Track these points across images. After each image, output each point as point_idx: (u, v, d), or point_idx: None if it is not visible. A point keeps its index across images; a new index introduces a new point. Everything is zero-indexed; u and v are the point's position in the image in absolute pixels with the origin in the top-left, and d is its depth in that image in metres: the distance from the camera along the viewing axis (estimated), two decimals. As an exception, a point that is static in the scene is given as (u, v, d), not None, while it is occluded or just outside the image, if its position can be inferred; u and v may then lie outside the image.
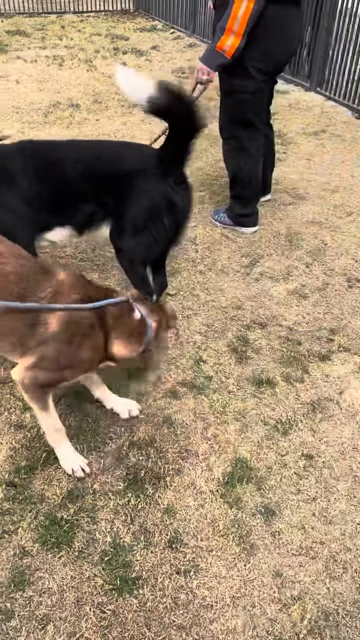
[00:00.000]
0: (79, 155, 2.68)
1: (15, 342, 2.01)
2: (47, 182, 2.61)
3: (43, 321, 1.95)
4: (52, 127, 5.42)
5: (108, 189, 2.62)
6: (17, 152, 2.63)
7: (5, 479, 2.15)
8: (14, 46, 8.13)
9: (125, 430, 2.39)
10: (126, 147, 2.80)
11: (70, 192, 2.64)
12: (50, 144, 2.84)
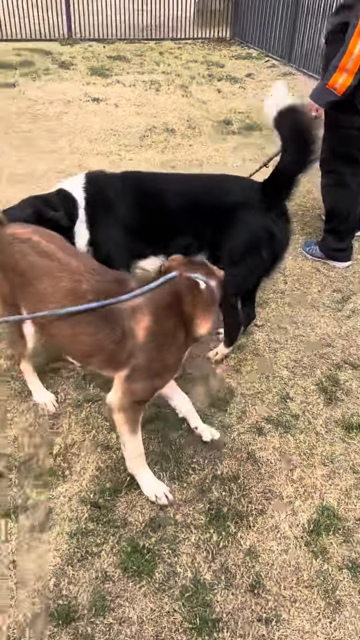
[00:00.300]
0: (180, 187, 2.73)
1: (106, 359, 2.05)
2: (146, 213, 2.67)
3: (130, 333, 1.97)
4: (148, 150, 5.58)
5: (208, 221, 2.65)
6: (119, 181, 2.72)
7: (90, 499, 2.18)
8: (114, 71, 8.47)
9: (208, 462, 2.37)
10: (228, 180, 2.82)
11: (168, 224, 2.69)
12: (152, 175, 2.92)
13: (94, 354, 2.06)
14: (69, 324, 2.00)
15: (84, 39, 10.55)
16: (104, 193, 2.64)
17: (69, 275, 2.01)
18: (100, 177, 2.75)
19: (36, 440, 2.42)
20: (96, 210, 2.63)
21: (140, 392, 2.04)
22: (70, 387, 2.71)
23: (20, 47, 9.58)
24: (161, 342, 2.00)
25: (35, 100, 6.80)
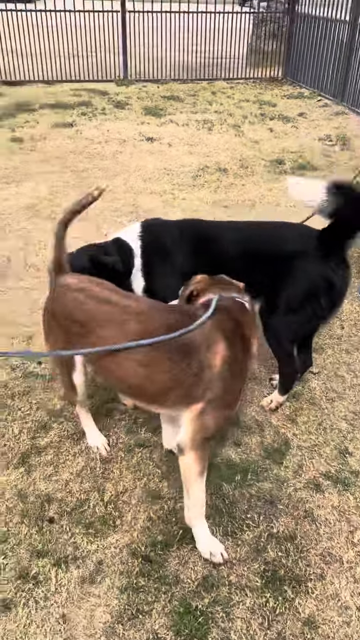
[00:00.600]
0: (237, 235, 2.71)
1: (182, 395, 1.98)
2: (202, 261, 2.65)
3: (207, 364, 1.93)
4: (200, 190, 5.63)
5: (265, 269, 2.62)
6: (176, 229, 2.74)
7: (141, 552, 2.12)
8: (168, 110, 8.68)
9: (263, 519, 2.27)
10: (286, 227, 2.79)
11: (222, 271, 2.66)
12: (208, 223, 2.93)
13: (170, 392, 1.98)
14: (142, 363, 1.96)
15: (139, 79, 10.91)
16: (161, 241, 2.66)
17: (134, 317, 2.00)
18: (157, 226, 2.78)
19: (87, 485, 2.40)
20: (152, 258, 2.64)
21: (213, 426, 1.99)
22: (121, 430, 2.69)
23: (79, 88, 9.98)
24: (234, 369, 1.99)
25: (91, 140, 7.02)
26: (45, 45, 10.47)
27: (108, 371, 2.08)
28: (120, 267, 2.59)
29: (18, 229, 4.65)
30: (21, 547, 2.13)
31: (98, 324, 2.00)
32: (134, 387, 2.06)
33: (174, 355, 1.93)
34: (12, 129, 7.37)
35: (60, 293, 2.16)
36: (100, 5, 10.54)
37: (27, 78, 10.45)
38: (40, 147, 6.71)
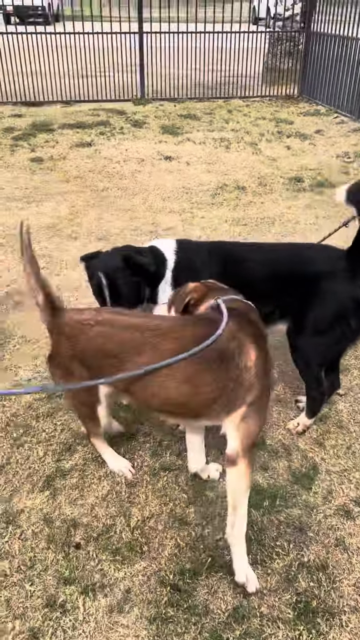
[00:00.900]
0: (264, 257, 2.72)
1: (226, 403, 1.97)
2: (230, 282, 2.64)
3: (243, 367, 1.95)
4: (219, 208, 5.64)
5: (292, 290, 2.61)
6: (206, 250, 2.74)
7: (169, 581, 2.08)
8: (185, 129, 8.75)
9: (293, 547, 2.22)
10: (313, 248, 2.78)
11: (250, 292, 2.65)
12: (236, 245, 2.94)
13: (215, 402, 1.97)
14: (185, 379, 1.94)
15: (155, 98, 11.03)
16: (192, 260, 2.66)
17: (166, 336, 1.98)
18: (190, 244, 2.80)
19: (113, 510, 2.37)
20: (182, 275, 2.63)
21: (257, 429, 2.03)
22: (146, 453, 2.66)
23: (97, 108, 10.11)
24: (265, 367, 2.02)
25: (110, 159, 7.09)
26: (63, 66, 10.65)
27: (149, 395, 2.01)
28: (153, 270, 2.58)
29: (39, 248, 4.68)
30: (48, 573, 2.11)
31: (134, 351, 1.96)
32: (179, 404, 2.00)
33: (213, 364, 1.94)
34: (32, 149, 7.48)
35: (79, 330, 2.08)
36: (118, 27, 10.71)
37: (46, 99, 10.63)
38: (60, 167, 6.79)
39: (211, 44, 11.03)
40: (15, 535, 2.25)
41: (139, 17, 10.58)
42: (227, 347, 1.95)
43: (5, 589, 2.05)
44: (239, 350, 1.95)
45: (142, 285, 2.56)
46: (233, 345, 1.95)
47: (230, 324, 1.97)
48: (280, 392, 3.10)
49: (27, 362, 3.29)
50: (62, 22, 12.61)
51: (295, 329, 2.64)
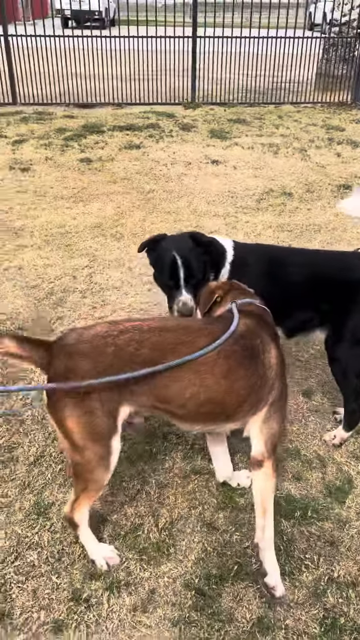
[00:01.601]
0: (306, 261, 2.69)
1: (254, 401, 1.99)
2: (272, 284, 2.62)
3: (268, 365, 1.99)
4: (264, 213, 5.59)
5: (332, 297, 2.57)
6: (255, 249, 2.78)
7: (195, 585, 2.07)
8: (233, 133, 8.73)
9: (323, 560, 2.17)
10: (355, 256, 2.73)
11: (290, 298, 2.64)
12: (281, 249, 2.92)
13: (246, 400, 1.97)
14: (223, 375, 1.93)
15: (206, 102, 11.06)
16: (246, 258, 2.67)
17: (200, 334, 1.96)
18: (245, 244, 2.83)
19: (142, 509, 2.37)
20: (237, 270, 2.63)
21: (279, 429, 2.05)
22: (178, 455, 2.65)
23: (147, 110, 10.22)
24: (283, 367, 2.08)
25: (157, 161, 7.14)
26: (116, 69, 10.81)
27: (187, 397, 1.92)
28: (215, 252, 2.62)
29: (84, 247, 4.76)
30: (75, 567, 2.13)
31: (170, 352, 1.89)
32: (217, 403, 1.96)
33: (245, 360, 1.96)
34: (82, 150, 7.61)
35: (102, 343, 1.86)
36: (172, 31, 10.79)
37: (98, 101, 10.81)
38: (108, 168, 6.88)
39: (264, 49, 10.97)
40: (45, 527, 2.28)
41: (193, 21, 10.63)
42: (255, 344, 1.98)
43: (33, 579, 2.08)
44: (263, 348, 1.99)
45: (207, 266, 2.57)
46: (258, 342, 1.98)
47: (252, 323, 2.01)
48: (318, 402, 3.04)
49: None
50: (118, 26, 12.81)
51: (334, 337, 2.59)
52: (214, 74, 11.07)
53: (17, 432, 2.76)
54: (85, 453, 1.89)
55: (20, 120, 9.26)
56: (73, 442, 1.87)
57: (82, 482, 1.97)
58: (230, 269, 2.62)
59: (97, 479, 1.95)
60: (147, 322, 1.99)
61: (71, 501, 2.03)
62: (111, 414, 1.88)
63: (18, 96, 10.62)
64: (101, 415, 1.85)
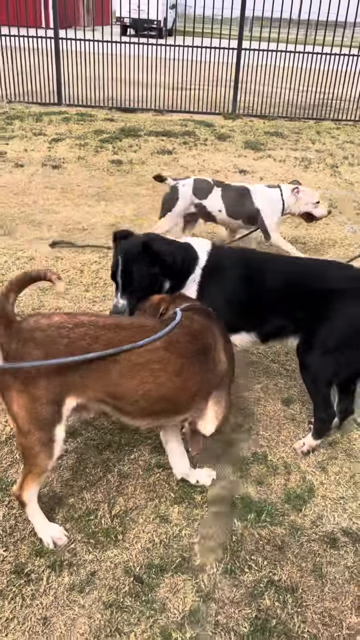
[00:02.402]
0: (284, 270, 2.69)
1: (204, 392, 2.15)
2: (249, 291, 2.66)
3: (219, 360, 2.16)
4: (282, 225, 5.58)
5: (306, 305, 2.57)
6: (234, 255, 2.77)
7: (135, 572, 2.10)
8: (268, 145, 8.76)
9: (268, 563, 2.17)
10: (333, 267, 2.72)
11: (266, 303, 2.67)
12: (260, 255, 2.91)
13: (198, 393, 2.12)
14: (176, 373, 2.02)
15: (246, 114, 11.13)
16: (222, 263, 2.68)
17: (153, 332, 2.02)
18: (224, 249, 2.82)
19: (100, 496, 2.42)
20: (210, 275, 2.66)
21: (227, 408, 2.29)
22: (146, 448, 2.69)
23: (187, 119, 10.36)
24: (233, 362, 2.30)
25: (185, 167, 7.23)
26: (163, 77, 11.01)
27: (140, 394, 1.98)
28: (170, 262, 2.54)
29: (96, 244, 4.87)
30: (24, 543, 2.19)
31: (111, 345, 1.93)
32: (169, 400, 2.04)
33: (196, 358, 2.07)
34: (115, 152, 7.78)
35: (56, 334, 1.89)
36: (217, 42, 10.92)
37: (140, 106, 11.03)
38: (137, 171, 7.01)
39: (308, 64, 10.97)
40: (3, 502, 2.35)
41: (239, 34, 10.73)
42: (206, 342, 2.05)
43: (-18, 550, 2.16)
44: (214, 345, 2.07)
45: (158, 277, 2.57)
46: (209, 340, 2.06)
47: (202, 322, 2.09)
48: (295, 411, 3.03)
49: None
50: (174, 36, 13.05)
51: (305, 345, 2.59)
52: (257, 86, 11.12)
53: (-4, 412, 2.86)
54: (29, 437, 1.93)
55: (62, 120, 9.54)
56: (18, 426, 1.93)
57: (27, 465, 2.03)
58: (202, 273, 2.64)
59: (40, 463, 1.99)
60: (103, 319, 2.02)
61: (19, 481, 2.09)
62: (56, 403, 1.91)
63: (63, 97, 10.94)
64: (46, 403, 1.89)
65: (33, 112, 9.90)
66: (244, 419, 2.94)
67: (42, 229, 5.12)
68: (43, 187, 6.25)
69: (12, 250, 4.63)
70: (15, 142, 7.99)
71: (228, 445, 2.74)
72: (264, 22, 11.68)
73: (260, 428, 2.88)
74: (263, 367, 3.40)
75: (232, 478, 2.55)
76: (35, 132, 8.59)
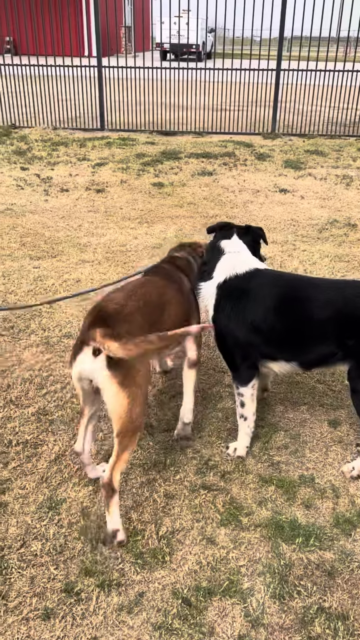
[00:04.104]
0: (329, 296, 2.58)
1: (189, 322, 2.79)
2: (286, 318, 2.61)
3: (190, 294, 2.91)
4: (324, 243, 5.56)
5: (357, 332, 2.51)
6: (268, 279, 2.73)
7: (183, 594, 2.10)
8: (308, 164, 8.75)
9: (318, 589, 2.13)
10: None
11: (310, 332, 2.58)
12: (301, 279, 2.85)
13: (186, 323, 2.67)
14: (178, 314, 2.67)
15: (286, 133, 11.16)
16: (244, 287, 2.67)
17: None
18: (260, 271, 2.77)
19: (146, 516, 2.44)
20: (233, 291, 2.69)
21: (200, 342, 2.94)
22: (191, 469, 2.70)
23: (226, 140, 10.48)
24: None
25: (226, 188, 7.30)
26: (202, 99, 11.20)
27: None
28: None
29: (138, 266, 4.96)
30: (73, 562, 2.23)
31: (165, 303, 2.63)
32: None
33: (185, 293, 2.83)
34: (157, 175, 7.94)
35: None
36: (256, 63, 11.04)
37: (180, 129, 11.23)
38: (178, 193, 7.13)
39: (348, 81, 10.95)
40: (53, 521, 2.40)
41: (278, 54, 10.83)
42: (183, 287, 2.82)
43: (33, 568, 2.20)
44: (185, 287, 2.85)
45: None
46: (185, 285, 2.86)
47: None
48: (343, 433, 2.98)
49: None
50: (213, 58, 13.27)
51: (357, 371, 2.54)
52: (296, 105, 11.16)
53: (45, 431, 2.93)
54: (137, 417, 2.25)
55: (105, 144, 9.81)
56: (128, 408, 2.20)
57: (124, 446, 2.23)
58: (220, 288, 2.78)
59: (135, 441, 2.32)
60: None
61: (110, 470, 2.22)
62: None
63: (106, 122, 11.26)
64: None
65: (77, 138, 10.23)
66: (290, 440, 2.91)
67: (87, 251, 5.26)
68: (87, 210, 6.42)
69: (58, 272, 4.77)
70: (61, 167, 8.26)
71: (274, 467, 2.72)
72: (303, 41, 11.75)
73: (306, 450, 2.84)
74: (308, 387, 3.37)
75: (280, 500, 2.53)
76: (79, 157, 8.86)
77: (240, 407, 2.74)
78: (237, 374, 2.74)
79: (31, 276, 4.68)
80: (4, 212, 6.30)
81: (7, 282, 4.57)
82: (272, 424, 3.02)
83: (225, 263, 2.77)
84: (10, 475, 2.63)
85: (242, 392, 2.72)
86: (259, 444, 2.86)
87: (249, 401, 2.71)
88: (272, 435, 2.94)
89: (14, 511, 2.44)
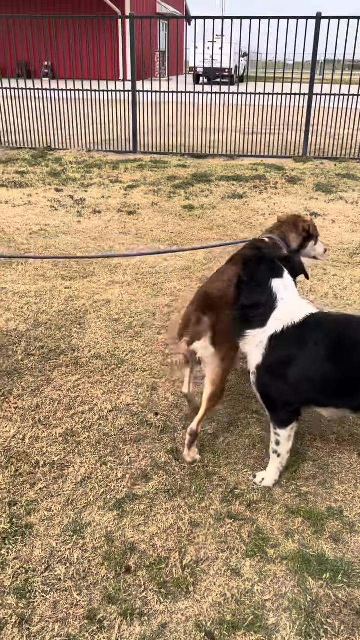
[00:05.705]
0: None
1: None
2: (341, 367, 2.51)
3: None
4: (355, 268, 5.50)
5: None
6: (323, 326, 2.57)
7: (206, 627, 2.06)
8: (340, 188, 8.72)
9: (345, 629, 2.06)
10: None
11: None
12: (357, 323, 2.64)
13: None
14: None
15: (317, 157, 11.16)
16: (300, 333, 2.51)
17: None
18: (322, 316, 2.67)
19: (171, 544, 2.41)
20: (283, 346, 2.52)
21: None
22: (217, 497, 2.67)
23: (257, 163, 10.54)
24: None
25: (256, 211, 7.32)
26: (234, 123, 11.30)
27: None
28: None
29: (169, 287, 4.99)
30: (96, 587, 2.22)
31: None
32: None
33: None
34: (187, 197, 8.02)
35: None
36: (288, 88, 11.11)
37: (212, 152, 11.34)
38: (208, 215, 7.18)
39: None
40: (77, 544, 2.40)
41: (311, 79, 10.89)
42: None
43: (56, 592, 2.20)
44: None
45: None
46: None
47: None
48: (373, 464, 2.91)
49: (131, 391, 3.50)
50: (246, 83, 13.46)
51: None
52: (328, 129, 11.17)
53: (72, 452, 2.95)
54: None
55: (137, 167, 9.97)
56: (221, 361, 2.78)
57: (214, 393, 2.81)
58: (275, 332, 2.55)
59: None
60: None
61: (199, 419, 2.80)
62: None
63: (139, 145, 11.46)
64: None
65: (110, 161, 10.43)
66: (318, 470, 2.86)
67: (117, 273, 5.32)
68: (119, 232, 6.52)
69: (89, 293, 4.84)
70: (94, 189, 8.42)
71: (302, 498, 2.67)
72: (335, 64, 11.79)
73: (335, 481, 2.78)
74: (350, 423, 3.31)
75: (307, 533, 2.48)
76: (112, 179, 9.02)
77: (275, 445, 2.68)
78: (276, 416, 2.63)
79: (62, 296, 4.75)
80: (38, 232, 6.44)
81: (39, 301, 4.65)
82: (300, 453, 2.97)
83: (282, 312, 2.51)
84: (37, 496, 2.65)
85: (279, 433, 2.64)
86: (286, 473, 2.81)
87: (285, 441, 2.66)
88: (300, 464, 2.89)
89: (39, 533, 2.45)
